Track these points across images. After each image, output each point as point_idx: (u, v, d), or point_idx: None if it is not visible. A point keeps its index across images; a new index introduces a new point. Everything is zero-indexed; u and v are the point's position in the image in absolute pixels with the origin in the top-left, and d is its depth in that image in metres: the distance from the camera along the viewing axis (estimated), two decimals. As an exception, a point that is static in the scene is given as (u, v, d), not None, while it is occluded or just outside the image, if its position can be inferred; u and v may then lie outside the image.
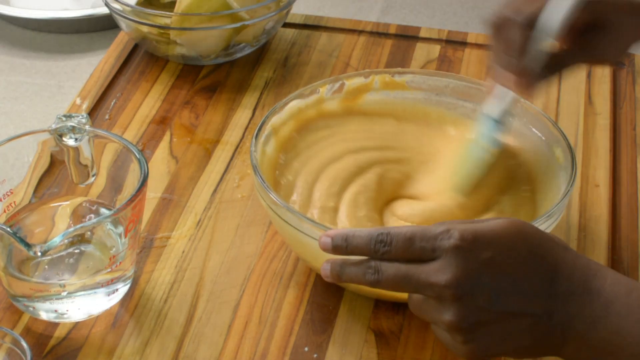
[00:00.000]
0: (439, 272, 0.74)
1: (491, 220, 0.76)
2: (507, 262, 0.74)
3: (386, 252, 0.76)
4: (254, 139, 0.92)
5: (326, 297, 0.91)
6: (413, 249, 0.75)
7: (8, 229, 0.80)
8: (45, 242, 0.80)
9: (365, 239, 0.77)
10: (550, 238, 0.76)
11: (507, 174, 0.96)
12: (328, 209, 0.91)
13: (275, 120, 0.96)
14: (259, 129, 0.93)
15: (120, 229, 0.86)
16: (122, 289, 0.89)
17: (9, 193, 0.90)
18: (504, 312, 0.74)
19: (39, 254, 0.80)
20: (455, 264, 0.73)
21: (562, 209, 0.87)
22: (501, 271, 0.74)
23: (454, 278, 0.73)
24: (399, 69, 1.02)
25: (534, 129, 0.97)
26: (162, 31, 1.16)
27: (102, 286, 0.87)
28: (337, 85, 1.00)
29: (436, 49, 1.22)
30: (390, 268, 0.76)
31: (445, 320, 0.74)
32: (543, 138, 0.96)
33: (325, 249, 0.79)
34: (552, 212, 0.85)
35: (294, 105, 0.98)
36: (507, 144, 0.98)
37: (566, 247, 0.76)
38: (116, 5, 1.17)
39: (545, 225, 0.85)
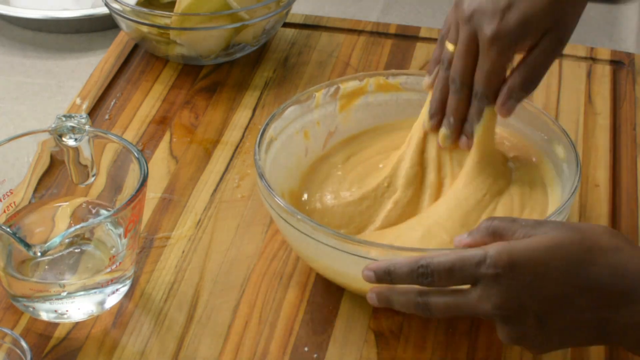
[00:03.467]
0: (482, 301, 0.76)
1: (530, 238, 0.76)
2: (547, 283, 0.74)
3: (429, 283, 0.78)
4: (257, 147, 0.92)
5: (326, 297, 0.91)
6: (455, 280, 0.77)
7: (8, 229, 0.80)
8: (45, 242, 0.80)
9: (407, 272, 0.79)
10: (595, 246, 0.75)
11: (507, 174, 0.97)
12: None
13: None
14: (261, 136, 0.93)
15: (120, 229, 0.86)
16: (122, 289, 0.89)
17: (9, 193, 0.90)
18: (553, 329, 0.75)
19: (39, 254, 0.80)
20: (496, 292, 0.75)
21: (569, 207, 0.87)
22: (543, 293, 0.74)
23: (497, 306, 0.75)
24: (393, 71, 1.02)
25: (533, 128, 0.96)
26: (162, 31, 1.16)
27: (102, 286, 0.87)
28: (332, 89, 1.00)
29: (436, 48, 1.22)
30: (439, 302, 0.79)
31: (500, 337, 0.77)
32: (545, 137, 0.95)
33: (370, 282, 0.81)
34: (562, 210, 0.85)
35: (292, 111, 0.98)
36: (506, 143, 0.98)
37: (617, 248, 0.75)
38: (116, 5, 1.17)
39: None
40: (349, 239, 0.83)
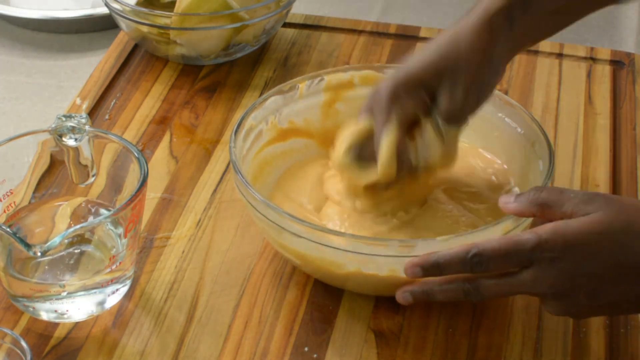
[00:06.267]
0: (536, 283, 0.79)
1: (581, 219, 0.78)
2: (598, 263, 0.78)
3: (484, 270, 0.80)
4: (233, 135, 0.92)
5: (326, 297, 0.91)
6: (509, 265, 0.80)
7: (8, 229, 0.80)
8: (45, 242, 0.81)
9: (459, 263, 0.80)
10: None
11: (485, 167, 0.96)
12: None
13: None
14: (238, 125, 0.93)
15: (120, 229, 0.86)
16: (122, 289, 0.89)
17: (9, 193, 0.90)
18: (602, 303, 0.79)
19: (39, 254, 0.80)
20: (550, 273, 0.78)
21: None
22: (594, 271, 0.78)
23: (551, 285, 0.79)
24: (378, 65, 1.02)
25: (512, 123, 0.96)
26: (162, 31, 1.16)
27: (102, 286, 0.87)
28: (316, 81, 1.00)
29: (436, 48, 1.22)
30: (490, 285, 0.81)
31: (547, 310, 0.82)
32: (521, 131, 0.95)
33: (416, 278, 0.82)
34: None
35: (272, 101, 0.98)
36: (486, 140, 0.98)
37: None
38: (116, 5, 1.17)
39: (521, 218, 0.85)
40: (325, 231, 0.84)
